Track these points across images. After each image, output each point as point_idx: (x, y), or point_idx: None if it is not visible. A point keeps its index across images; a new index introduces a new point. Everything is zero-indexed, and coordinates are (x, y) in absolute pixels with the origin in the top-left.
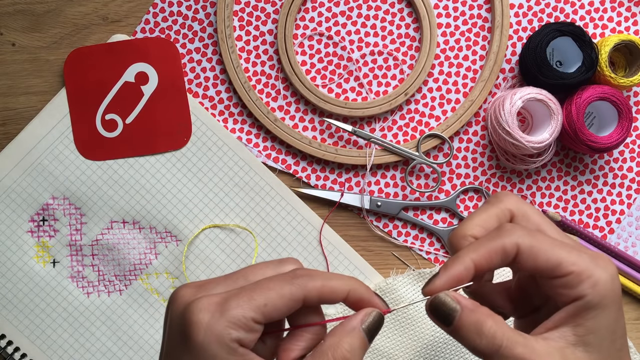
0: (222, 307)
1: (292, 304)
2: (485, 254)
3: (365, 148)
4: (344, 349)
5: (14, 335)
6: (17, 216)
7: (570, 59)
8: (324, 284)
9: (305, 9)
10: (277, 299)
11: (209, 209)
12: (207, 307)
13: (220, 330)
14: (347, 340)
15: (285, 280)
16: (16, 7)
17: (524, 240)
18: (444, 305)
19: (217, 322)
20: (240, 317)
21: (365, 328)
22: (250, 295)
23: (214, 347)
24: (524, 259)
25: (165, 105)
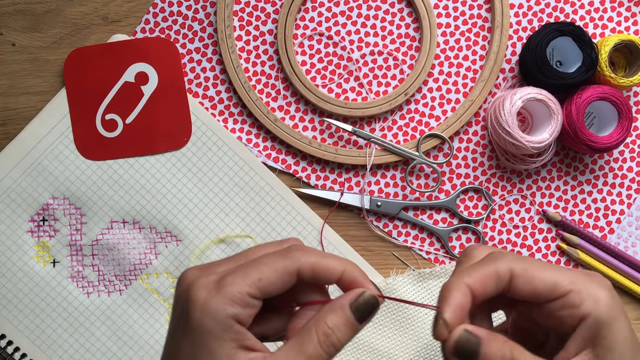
0: (219, 285)
1: (287, 278)
2: (479, 278)
3: (365, 148)
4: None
5: (14, 335)
6: (17, 216)
7: (570, 59)
8: (319, 260)
9: (305, 9)
10: (272, 273)
11: (209, 209)
12: (205, 285)
13: (216, 306)
14: (330, 317)
15: (279, 255)
16: (16, 7)
17: (516, 264)
18: (469, 343)
19: (213, 299)
20: (236, 292)
21: (354, 307)
22: (245, 271)
23: (209, 324)
24: (520, 283)
25: (165, 105)
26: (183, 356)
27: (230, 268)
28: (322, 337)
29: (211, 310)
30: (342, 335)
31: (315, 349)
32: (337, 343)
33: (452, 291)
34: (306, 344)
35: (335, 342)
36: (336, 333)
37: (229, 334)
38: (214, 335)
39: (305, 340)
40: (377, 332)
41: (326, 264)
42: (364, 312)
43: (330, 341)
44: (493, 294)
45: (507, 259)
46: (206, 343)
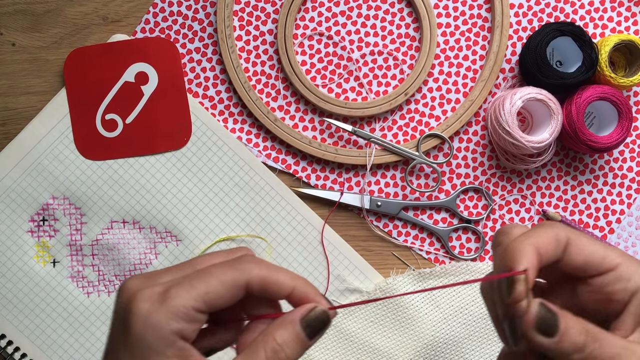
0: (163, 297)
1: (235, 291)
2: (542, 241)
3: (365, 148)
4: (275, 340)
5: (14, 335)
6: (17, 216)
7: (570, 59)
8: (270, 274)
9: (305, 9)
10: (219, 286)
11: (209, 209)
12: (148, 297)
13: (159, 320)
14: (280, 332)
15: (228, 266)
16: (16, 7)
17: (572, 232)
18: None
19: (156, 312)
20: (180, 306)
21: (305, 323)
22: (191, 282)
23: (150, 338)
24: (574, 252)
25: (165, 105)
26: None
27: (176, 278)
28: (270, 353)
29: (154, 324)
30: (291, 352)
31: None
32: (285, 358)
33: (523, 250)
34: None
35: (283, 357)
36: (285, 349)
37: (172, 350)
38: (156, 350)
39: (253, 357)
40: (377, 332)
41: (276, 278)
42: (315, 328)
43: (279, 357)
44: (552, 260)
45: (560, 226)
46: (146, 358)
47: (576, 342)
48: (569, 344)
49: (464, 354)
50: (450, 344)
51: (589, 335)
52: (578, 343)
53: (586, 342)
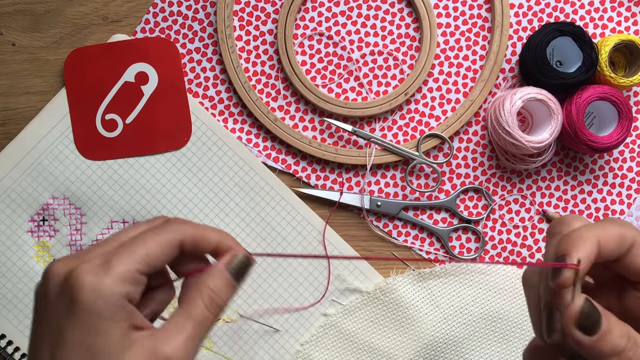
0: (105, 267)
1: (170, 251)
2: (607, 235)
3: (365, 148)
4: (209, 288)
5: (14, 335)
6: (17, 216)
7: (570, 59)
8: (198, 230)
9: (305, 9)
10: (157, 247)
11: (209, 209)
12: (89, 270)
13: (108, 287)
14: (212, 280)
15: (161, 229)
16: (16, 7)
17: (639, 235)
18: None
19: (102, 281)
20: (125, 271)
21: (231, 269)
22: (130, 249)
23: (100, 306)
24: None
25: (165, 105)
26: (70, 345)
27: (110, 250)
28: (207, 300)
29: (103, 292)
30: (225, 296)
31: (202, 312)
32: (222, 303)
33: (584, 239)
34: (193, 309)
35: (220, 302)
36: (219, 295)
37: (121, 314)
38: (106, 317)
39: (192, 306)
40: (377, 332)
41: (203, 234)
42: (240, 272)
43: (216, 302)
44: (612, 258)
45: (630, 226)
46: (97, 326)
47: (616, 345)
48: (609, 346)
49: (464, 354)
50: (450, 344)
51: (630, 340)
52: (618, 346)
53: (627, 346)
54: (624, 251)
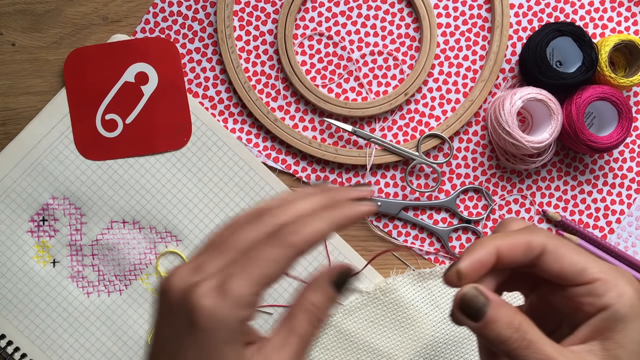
0: (223, 290)
1: (288, 265)
2: (510, 243)
3: (365, 148)
4: (311, 304)
5: (14, 335)
6: (17, 216)
7: (570, 59)
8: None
9: (305, 9)
10: (274, 266)
11: (209, 209)
12: (208, 292)
13: (228, 313)
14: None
15: (275, 245)
16: (16, 7)
17: (551, 240)
18: (476, 299)
19: (222, 307)
20: (243, 296)
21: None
22: (247, 271)
23: (221, 332)
24: (550, 260)
25: (165, 105)
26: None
27: (226, 266)
28: (309, 315)
29: (222, 318)
30: (327, 310)
31: (305, 328)
32: (323, 317)
33: (478, 247)
34: (296, 325)
35: (322, 316)
36: (322, 309)
37: (237, 336)
38: (225, 340)
39: (294, 321)
40: (377, 332)
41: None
42: (344, 287)
43: (319, 318)
44: (520, 263)
45: (542, 233)
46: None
47: (500, 335)
48: (493, 333)
49: (464, 354)
50: (450, 344)
51: (518, 333)
52: (502, 336)
53: (512, 337)
54: (533, 257)
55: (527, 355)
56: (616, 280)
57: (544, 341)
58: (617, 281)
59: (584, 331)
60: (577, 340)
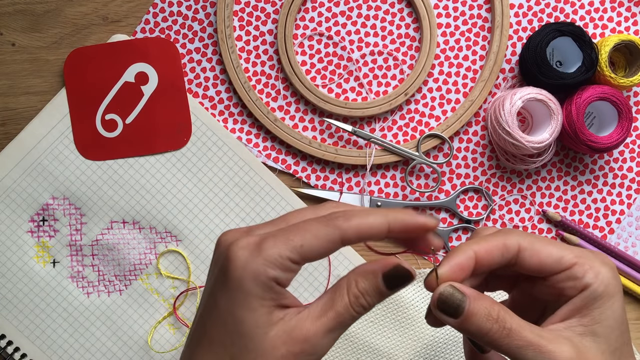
0: (260, 247)
1: (330, 245)
2: (486, 246)
3: (365, 148)
4: (357, 287)
5: (14, 335)
6: (17, 216)
7: (570, 59)
8: (361, 222)
9: (305, 9)
10: (314, 240)
11: (209, 209)
12: (245, 246)
13: (257, 267)
14: (362, 281)
15: (321, 222)
16: (16, 7)
17: (525, 239)
18: (452, 297)
19: (254, 260)
20: (277, 256)
21: (386, 277)
22: (287, 236)
23: (249, 284)
24: (527, 256)
25: (165, 105)
26: (220, 312)
27: (271, 231)
28: (352, 298)
29: (252, 270)
30: (371, 299)
31: (345, 308)
32: (366, 305)
33: (456, 252)
34: (337, 301)
35: (364, 304)
36: (365, 297)
37: (269, 294)
38: (255, 294)
39: (337, 297)
40: (377, 332)
41: (369, 224)
42: (395, 282)
43: (360, 302)
44: (498, 264)
45: (516, 234)
46: (247, 302)
47: (480, 327)
48: (473, 327)
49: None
50: (450, 344)
51: (497, 323)
52: (483, 328)
53: (492, 328)
54: (511, 257)
55: (508, 343)
56: (592, 261)
57: (522, 327)
58: (593, 262)
59: (564, 310)
60: (557, 319)
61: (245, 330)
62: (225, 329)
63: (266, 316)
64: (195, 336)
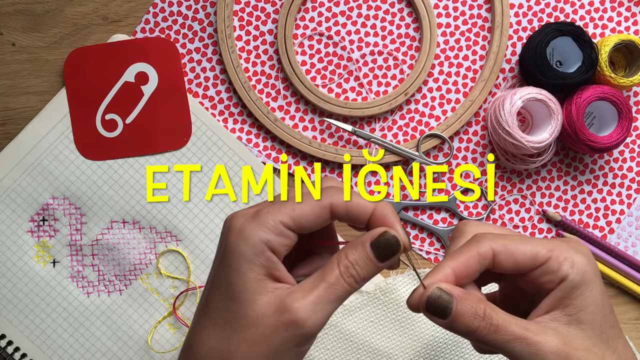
0: (255, 215)
1: (320, 211)
2: (462, 261)
3: (365, 148)
4: (347, 257)
5: (14, 335)
6: (17, 216)
7: (570, 59)
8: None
9: (305, 9)
10: (305, 206)
11: (209, 209)
12: (243, 215)
13: (250, 231)
14: (351, 252)
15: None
16: (16, 7)
17: (497, 242)
18: (440, 299)
19: (248, 225)
20: (270, 220)
21: (374, 245)
22: (280, 204)
23: (241, 246)
24: (503, 259)
25: (165, 105)
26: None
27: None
28: (342, 268)
29: (245, 234)
30: (362, 270)
31: (336, 278)
32: (357, 275)
33: (434, 273)
34: (328, 274)
35: (355, 274)
36: (355, 267)
37: (259, 258)
38: (245, 257)
39: (327, 270)
40: (377, 332)
41: (358, 201)
42: (383, 251)
43: (350, 273)
44: (478, 273)
45: (488, 239)
46: (237, 265)
47: (469, 326)
48: (462, 326)
49: (463, 354)
50: (450, 344)
51: (484, 320)
52: (471, 326)
53: (480, 326)
54: (488, 264)
55: (496, 338)
56: (566, 252)
57: (508, 322)
58: (567, 253)
59: (546, 303)
60: (541, 311)
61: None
62: (220, 294)
63: (256, 282)
64: (198, 308)
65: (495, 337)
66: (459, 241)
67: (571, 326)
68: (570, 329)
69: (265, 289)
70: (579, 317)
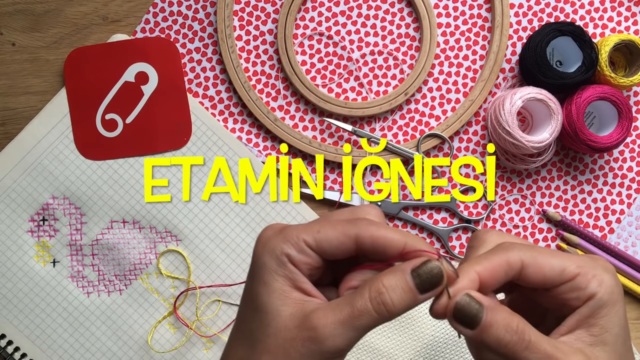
0: (283, 229)
1: (344, 239)
2: (490, 267)
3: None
4: (381, 282)
5: (14, 335)
6: (17, 216)
7: (570, 58)
8: (380, 229)
9: (305, 9)
10: (330, 230)
11: (209, 209)
12: (271, 228)
13: (274, 243)
14: (388, 277)
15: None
16: (16, 7)
17: (526, 253)
18: (469, 307)
19: (274, 238)
20: (294, 236)
21: (415, 272)
22: (309, 223)
23: (266, 257)
24: (531, 272)
25: (165, 105)
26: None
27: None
28: (374, 293)
29: (270, 246)
30: (397, 298)
31: (364, 303)
32: (389, 303)
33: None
34: (356, 298)
35: (387, 300)
36: (389, 293)
37: (283, 269)
38: (269, 268)
39: (357, 294)
40: (377, 332)
41: (386, 234)
42: (425, 281)
43: (382, 299)
44: (502, 283)
45: (517, 249)
46: (262, 275)
47: (500, 338)
48: (492, 338)
49: (463, 354)
50: (450, 344)
51: (517, 335)
52: (502, 340)
53: (512, 340)
54: (515, 274)
55: (527, 355)
56: (594, 270)
57: (541, 339)
58: (595, 270)
59: (571, 321)
60: (565, 330)
61: (260, 304)
62: (247, 305)
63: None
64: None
65: (527, 354)
66: (479, 250)
67: (595, 347)
68: (594, 350)
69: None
70: (603, 338)
